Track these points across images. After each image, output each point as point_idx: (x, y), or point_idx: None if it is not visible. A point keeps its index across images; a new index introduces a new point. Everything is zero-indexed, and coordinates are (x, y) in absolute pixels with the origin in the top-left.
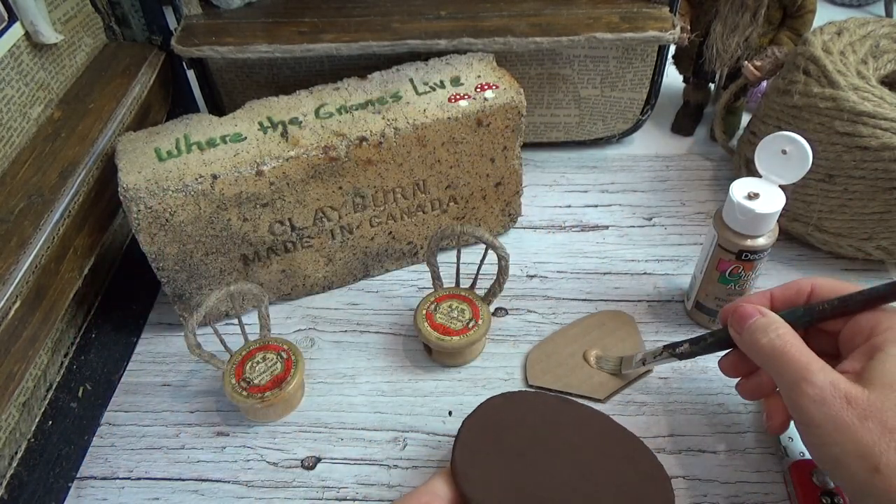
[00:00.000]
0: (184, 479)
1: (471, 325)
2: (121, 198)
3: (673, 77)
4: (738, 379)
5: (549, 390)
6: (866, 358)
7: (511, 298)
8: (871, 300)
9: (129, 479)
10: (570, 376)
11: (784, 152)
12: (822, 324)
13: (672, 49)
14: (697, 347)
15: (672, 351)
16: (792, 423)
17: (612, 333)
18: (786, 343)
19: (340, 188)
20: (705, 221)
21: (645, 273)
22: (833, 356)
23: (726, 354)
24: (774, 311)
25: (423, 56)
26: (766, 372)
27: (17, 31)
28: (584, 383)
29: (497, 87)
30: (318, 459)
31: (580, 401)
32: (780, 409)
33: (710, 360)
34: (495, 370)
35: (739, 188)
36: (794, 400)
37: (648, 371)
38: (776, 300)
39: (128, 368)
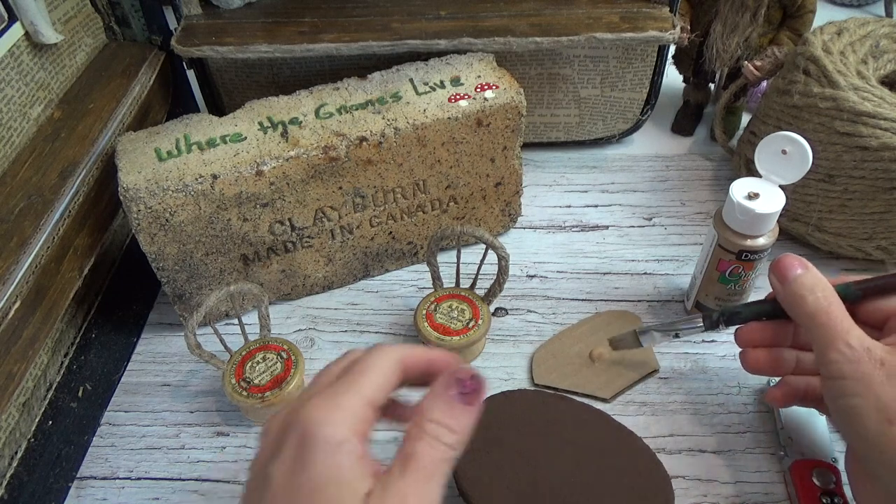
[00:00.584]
0: (184, 479)
1: (471, 325)
2: (121, 198)
3: (673, 77)
4: (741, 352)
5: (556, 389)
6: None
7: (511, 298)
8: None
9: (129, 479)
10: (576, 375)
11: (784, 152)
12: (870, 307)
13: (672, 49)
14: (727, 315)
15: (707, 322)
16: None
17: (618, 333)
18: (831, 304)
19: (340, 188)
20: (705, 221)
21: (645, 273)
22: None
23: (746, 325)
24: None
25: (423, 56)
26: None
27: (17, 31)
28: (589, 382)
29: (497, 87)
30: None
31: (585, 400)
32: (790, 386)
33: (711, 361)
34: (495, 370)
35: (739, 188)
36: (828, 356)
37: (655, 371)
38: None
39: (128, 368)
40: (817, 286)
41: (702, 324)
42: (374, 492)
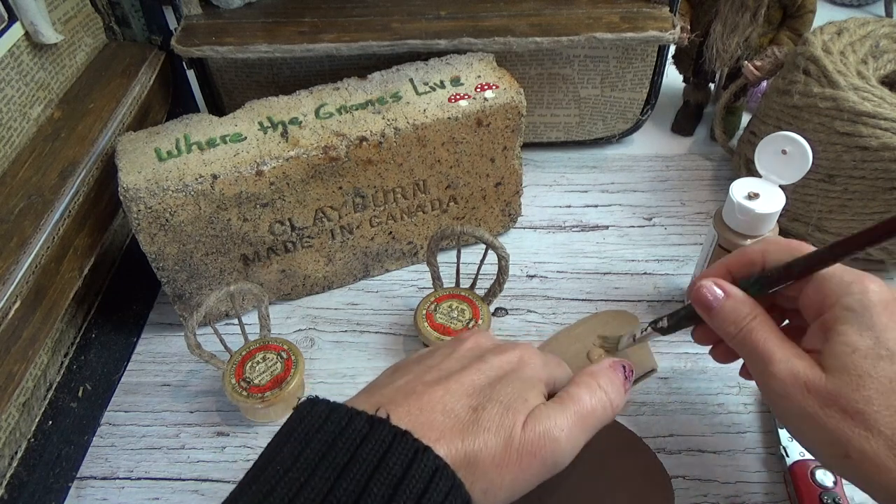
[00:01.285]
0: (184, 479)
1: (471, 325)
2: (121, 198)
3: (673, 77)
4: (711, 347)
5: None
6: (822, 337)
7: (511, 298)
8: (812, 265)
9: (129, 479)
10: None
11: (784, 152)
12: (781, 292)
13: (672, 49)
14: (674, 321)
15: (654, 325)
16: None
17: (617, 332)
18: (750, 332)
19: (340, 188)
20: (705, 221)
21: (645, 273)
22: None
23: (697, 327)
24: (733, 282)
25: (423, 56)
26: None
27: (17, 31)
28: None
29: (497, 87)
30: None
31: None
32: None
33: (710, 361)
34: None
35: (739, 188)
36: (762, 392)
37: (653, 371)
38: (733, 270)
39: (128, 368)
40: (738, 317)
41: (654, 332)
42: (538, 407)
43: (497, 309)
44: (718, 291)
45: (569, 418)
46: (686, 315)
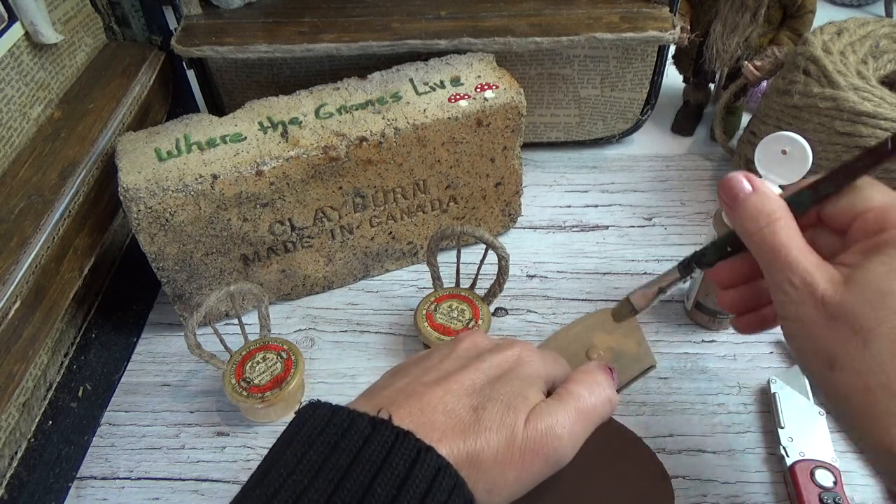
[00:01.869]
0: (184, 479)
1: (471, 325)
2: (121, 198)
3: (673, 77)
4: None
5: None
6: (863, 254)
7: (511, 298)
8: (875, 156)
9: (129, 479)
10: None
11: (784, 152)
12: (831, 214)
13: (672, 49)
14: (713, 255)
15: (684, 267)
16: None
17: (615, 330)
18: (775, 234)
19: (340, 188)
20: (705, 221)
21: (645, 273)
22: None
23: (717, 265)
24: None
25: (423, 56)
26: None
27: (17, 31)
28: None
29: (497, 87)
30: None
31: None
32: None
33: (711, 361)
34: None
35: None
36: (775, 294)
37: (653, 367)
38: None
39: (128, 368)
40: (761, 214)
41: (678, 274)
42: (539, 404)
43: (497, 309)
44: (746, 184)
45: (570, 415)
46: (718, 249)
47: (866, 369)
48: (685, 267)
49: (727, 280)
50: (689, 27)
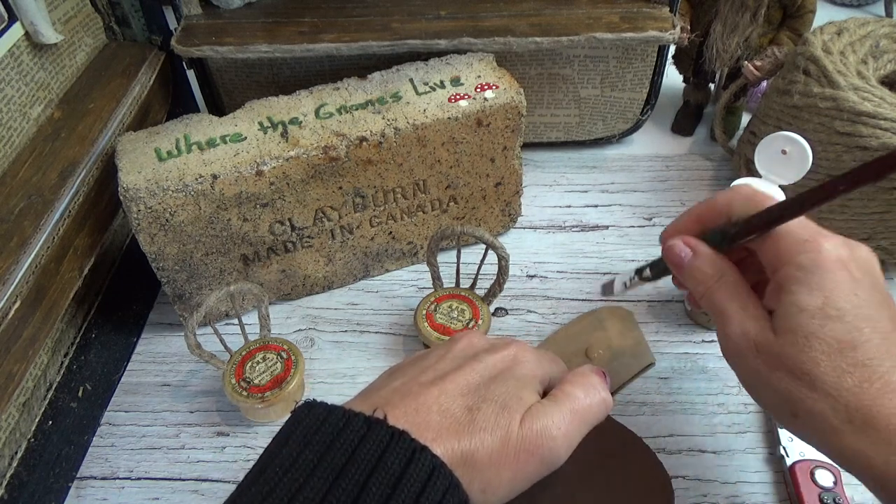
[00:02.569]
0: (184, 479)
1: (471, 325)
2: (121, 198)
3: (673, 77)
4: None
5: None
6: (776, 295)
7: (511, 298)
8: (772, 219)
9: (129, 479)
10: None
11: (784, 152)
12: (744, 245)
13: (672, 49)
14: (655, 271)
15: (640, 275)
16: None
17: (613, 329)
18: (713, 293)
19: (340, 188)
20: None
21: None
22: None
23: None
24: (703, 231)
25: (423, 56)
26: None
27: (17, 31)
28: None
29: (497, 87)
30: None
31: None
32: None
33: (710, 361)
34: None
35: None
36: (723, 350)
37: (651, 365)
38: (703, 219)
39: (128, 368)
40: (702, 279)
41: (638, 278)
42: (535, 405)
43: (497, 309)
44: (686, 250)
45: (565, 416)
46: (666, 266)
47: (824, 412)
48: (643, 277)
49: (684, 287)
50: (689, 27)
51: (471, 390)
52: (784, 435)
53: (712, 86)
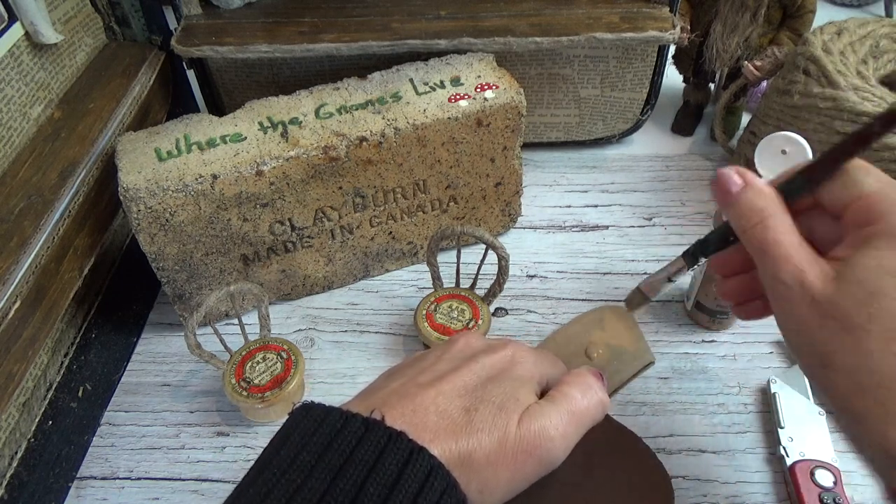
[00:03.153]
0: (184, 479)
1: (471, 325)
2: (121, 198)
3: (673, 77)
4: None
5: None
6: (854, 248)
7: (511, 298)
8: (864, 136)
9: (129, 479)
10: None
11: (784, 152)
12: (827, 200)
13: (672, 49)
14: (698, 248)
15: (685, 258)
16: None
17: (613, 329)
18: (766, 231)
19: (340, 188)
20: (705, 221)
21: (645, 273)
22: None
23: (718, 255)
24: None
25: (423, 56)
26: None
27: (17, 31)
28: None
29: (497, 87)
30: None
31: None
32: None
33: (711, 361)
34: None
35: None
36: (768, 291)
37: (651, 363)
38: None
39: (128, 368)
40: (752, 211)
41: (684, 262)
42: (532, 405)
43: (497, 309)
44: (737, 179)
45: (563, 416)
46: (719, 238)
47: (860, 369)
48: (691, 256)
49: (729, 269)
50: (689, 27)
51: (468, 391)
52: (784, 435)
53: (712, 86)
